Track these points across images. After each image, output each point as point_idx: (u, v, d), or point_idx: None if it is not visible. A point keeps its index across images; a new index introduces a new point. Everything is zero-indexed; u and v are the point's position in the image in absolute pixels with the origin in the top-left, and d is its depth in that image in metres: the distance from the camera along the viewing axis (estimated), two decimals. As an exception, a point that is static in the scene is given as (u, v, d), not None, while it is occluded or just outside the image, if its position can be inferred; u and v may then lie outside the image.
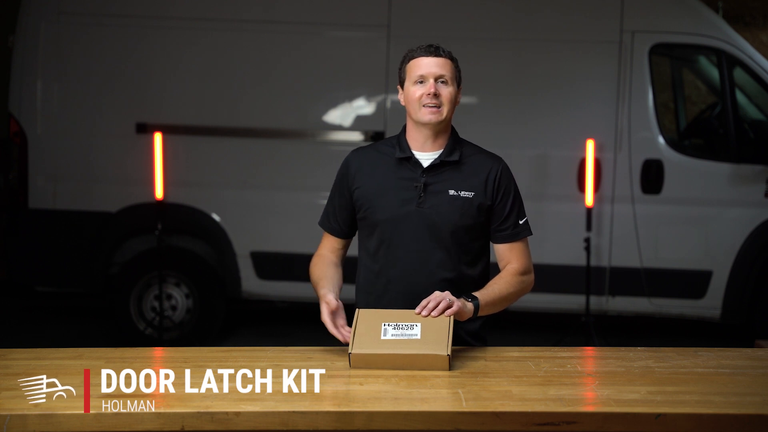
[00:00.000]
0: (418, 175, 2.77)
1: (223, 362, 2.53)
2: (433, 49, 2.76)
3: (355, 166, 2.83)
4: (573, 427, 2.11)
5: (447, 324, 2.51)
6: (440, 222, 2.73)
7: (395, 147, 2.81)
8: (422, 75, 2.74)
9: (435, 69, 2.74)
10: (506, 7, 6.06)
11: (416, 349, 2.45)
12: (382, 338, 2.48)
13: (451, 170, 2.78)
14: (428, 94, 2.72)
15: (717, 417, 2.12)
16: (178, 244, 6.18)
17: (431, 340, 2.46)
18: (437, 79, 2.74)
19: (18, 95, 6.07)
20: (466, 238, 2.77)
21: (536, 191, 6.01)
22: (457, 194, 2.75)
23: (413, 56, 2.78)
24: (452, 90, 2.77)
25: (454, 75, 2.78)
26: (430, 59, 2.75)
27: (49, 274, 6.28)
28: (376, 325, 2.51)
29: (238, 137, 6.08)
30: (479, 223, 2.79)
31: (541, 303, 6.14)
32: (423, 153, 2.79)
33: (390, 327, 2.50)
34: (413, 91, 2.75)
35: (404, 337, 2.48)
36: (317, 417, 2.11)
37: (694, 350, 2.71)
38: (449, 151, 2.79)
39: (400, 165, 2.79)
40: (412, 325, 2.51)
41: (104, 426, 2.08)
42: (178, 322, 6.19)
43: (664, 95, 6.63)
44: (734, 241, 5.91)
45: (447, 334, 2.48)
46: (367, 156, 2.85)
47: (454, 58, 2.81)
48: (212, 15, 6.07)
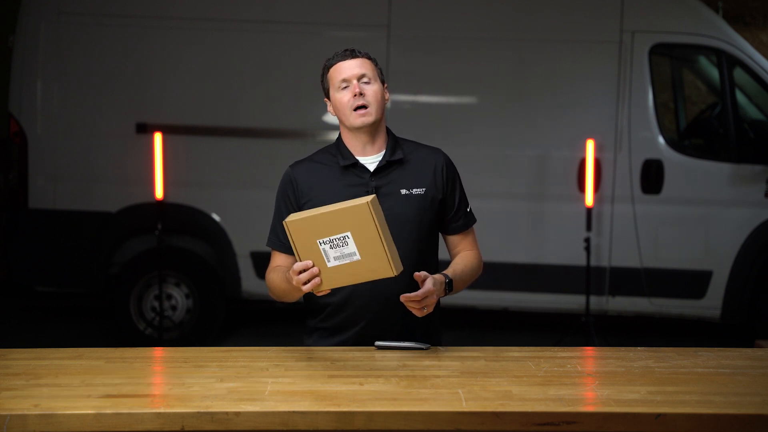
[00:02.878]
0: (367, 179, 2.75)
1: (223, 362, 2.53)
2: (348, 52, 2.77)
3: (299, 179, 2.79)
4: (573, 427, 2.10)
5: (375, 231, 2.42)
6: (398, 222, 2.70)
7: (336, 156, 2.79)
8: (345, 78, 2.73)
9: (356, 70, 2.73)
10: (506, 7, 6.06)
11: (364, 271, 2.43)
12: (329, 266, 2.43)
13: (398, 170, 2.78)
14: (354, 95, 2.71)
15: (717, 417, 2.12)
16: (178, 244, 6.18)
17: (371, 258, 2.42)
18: (359, 79, 2.73)
19: (18, 95, 6.07)
20: (424, 233, 2.79)
21: (536, 191, 6.02)
22: (409, 192, 2.76)
23: (332, 63, 2.77)
24: (377, 88, 2.75)
25: (376, 73, 2.77)
26: (348, 62, 2.74)
27: (49, 274, 6.28)
28: (315, 247, 2.43)
29: (238, 137, 6.08)
30: (433, 218, 2.81)
31: (541, 303, 6.15)
32: (366, 157, 2.78)
33: (327, 247, 2.42)
34: (340, 97, 2.74)
35: (349, 260, 2.42)
36: (317, 417, 2.11)
37: (694, 350, 2.71)
38: (392, 151, 2.79)
39: (345, 172, 2.77)
40: (345, 240, 2.42)
41: (104, 426, 2.08)
42: (178, 322, 6.19)
43: (664, 95, 6.63)
44: (734, 241, 5.92)
45: (381, 246, 2.42)
46: (308, 169, 2.81)
47: (373, 58, 2.80)
48: (212, 15, 6.07)
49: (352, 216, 2.41)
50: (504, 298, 6.14)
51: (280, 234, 2.76)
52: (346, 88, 2.73)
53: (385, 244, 2.42)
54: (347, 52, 2.77)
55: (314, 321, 2.86)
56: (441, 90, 6.11)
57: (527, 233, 6.11)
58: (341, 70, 2.74)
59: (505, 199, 5.98)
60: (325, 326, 2.81)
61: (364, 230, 2.41)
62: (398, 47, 5.99)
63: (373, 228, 2.41)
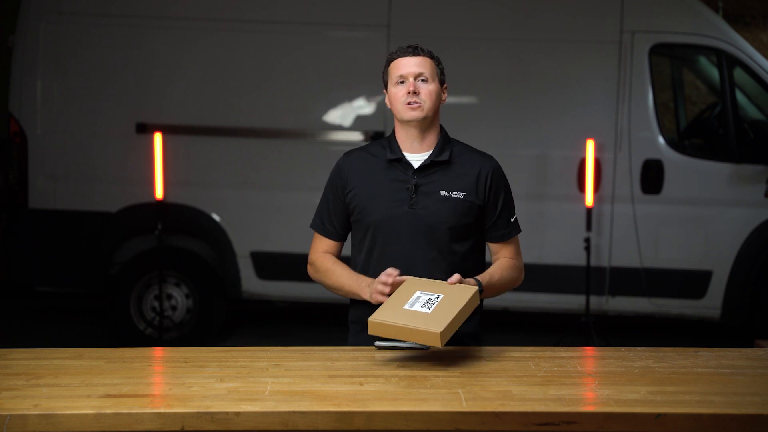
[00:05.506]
0: (409, 176, 2.79)
1: (223, 362, 2.53)
2: (412, 49, 2.81)
3: (348, 168, 2.86)
4: (573, 427, 2.10)
5: (460, 300, 2.53)
6: (432, 222, 2.75)
7: (386, 149, 2.84)
8: (402, 75, 2.79)
9: (414, 68, 2.78)
10: (506, 7, 6.06)
11: (418, 323, 2.47)
12: (404, 308, 2.52)
13: (442, 170, 2.80)
14: (408, 92, 2.76)
15: (717, 417, 2.12)
16: (178, 244, 6.18)
17: (437, 317, 2.48)
18: (417, 77, 2.78)
19: (18, 95, 6.07)
20: (459, 238, 2.80)
21: (536, 191, 6.02)
22: (448, 195, 2.78)
23: (393, 58, 2.83)
24: (433, 87, 2.79)
25: (435, 72, 2.81)
26: (409, 59, 2.80)
27: (49, 274, 6.28)
28: (410, 292, 2.57)
29: (238, 137, 6.08)
30: (471, 223, 2.81)
31: (541, 303, 6.15)
32: (413, 154, 2.82)
33: (422, 296, 2.56)
34: (395, 91, 2.81)
35: (422, 309, 2.51)
36: (317, 417, 2.11)
37: (694, 350, 2.71)
38: (439, 151, 2.81)
39: (391, 166, 2.81)
40: (439, 296, 2.55)
41: (104, 426, 2.08)
42: (178, 322, 6.19)
43: (664, 95, 6.63)
44: (734, 241, 5.92)
45: (455, 311, 2.49)
46: (358, 158, 2.88)
47: (435, 57, 2.84)
48: (212, 15, 6.07)
49: (458, 290, 2.57)
50: (504, 298, 6.07)
51: (325, 219, 2.89)
52: (403, 84, 2.79)
53: (455, 319, 2.50)
54: (411, 48, 2.82)
55: (358, 313, 2.87)
56: (441, 90, 6.11)
57: (527, 233, 6.03)
58: (400, 66, 2.80)
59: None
60: None
61: (457, 300, 2.54)
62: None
63: (464, 299, 2.54)
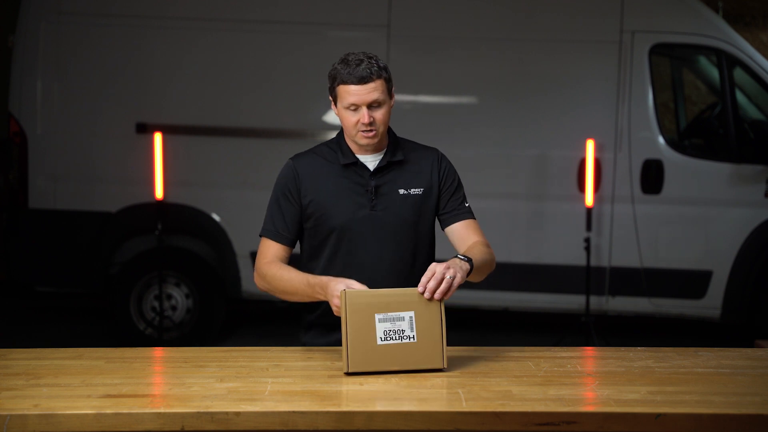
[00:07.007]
0: (367, 178, 2.76)
1: (223, 362, 2.53)
2: (361, 77, 2.62)
3: (301, 173, 2.77)
4: (573, 427, 2.10)
5: (439, 316, 2.44)
6: (395, 222, 2.74)
7: (337, 152, 2.78)
8: (354, 103, 2.66)
9: (367, 97, 2.65)
10: (506, 8, 6.06)
11: (413, 357, 2.41)
12: (378, 344, 2.41)
13: (397, 170, 2.78)
14: (363, 123, 2.67)
15: (717, 417, 2.12)
16: (178, 244, 6.18)
17: (426, 343, 2.42)
18: (370, 106, 2.66)
19: (18, 95, 6.07)
20: (421, 234, 2.80)
21: (536, 191, 6.02)
22: (407, 192, 2.77)
23: (343, 81, 2.65)
24: (386, 107, 2.70)
25: (386, 89, 2.69)
26: (359, 88, 2.63)
27: (49, 274, 6.28)
28: (368, 320, 2.42)
29: (238, 137, 6.08)
30: (432, 218, 2.82)
31: (541, 303, 6.15)
32: (366, 156, 2.77)
33: (384, 323, 2.41)
34: (347, 116, 2.69)
35: (400, 341, 2.42)
36: (317, 417, 2.11)
37: (694, 350, 2.71)
38: (392, 152, 2.79)
39: (346, 170, 2.76)
40: (404, 318, 2.42)
41: (104, 426, 2.08)
42: (178, 322, 6.19)
43: (664, 95, 6.63)
44: (734, 241, 5.92)
45: (440, 334, 2.43)
46: (311, 163, 2.79)
47: (383, 66, 2.69)
48: (212, 15, 6.07)
49: (419, 297, 2.44)
50: (504, 298, 6.14)
51: (278, 224, 2.80)
52: (355, 111, 2.67)
53: (444, 333, 2.43)
54: (360, 76, 2.62)
55: (312, 316, 2.85)
56: (441, 90, 6.11)
57: (527, 233, 6.11)
58: (351, 94, 2.64)
59: (505, 199, 5.98)
60: (324, 322, 2.80)
61: (428, 314, 2.43)
62: (398, 47, 5.98)
63: (438, 314, 2.44)
